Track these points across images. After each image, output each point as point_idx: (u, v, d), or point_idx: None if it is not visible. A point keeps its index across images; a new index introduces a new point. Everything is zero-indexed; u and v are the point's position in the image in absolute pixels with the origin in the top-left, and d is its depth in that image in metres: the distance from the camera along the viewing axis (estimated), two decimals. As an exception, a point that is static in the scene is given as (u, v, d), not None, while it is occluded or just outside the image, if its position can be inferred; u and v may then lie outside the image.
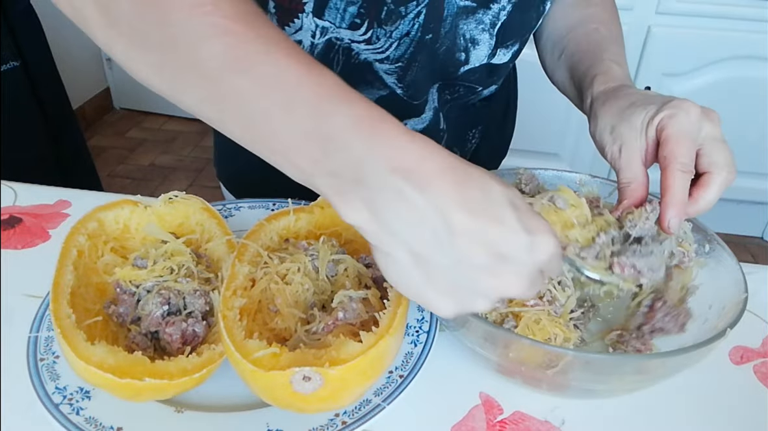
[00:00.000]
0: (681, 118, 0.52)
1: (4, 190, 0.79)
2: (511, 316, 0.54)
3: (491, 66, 0.73)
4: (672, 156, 0.51)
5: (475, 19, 0.68)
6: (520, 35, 0.72)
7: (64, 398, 0.50)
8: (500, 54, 0.72)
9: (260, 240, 0.58)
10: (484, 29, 0.68)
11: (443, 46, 0.68)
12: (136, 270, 0.57)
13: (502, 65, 0.74)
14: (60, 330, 0.47)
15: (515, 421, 0.53)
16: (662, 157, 0.52)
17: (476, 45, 0.70)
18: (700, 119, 0.52)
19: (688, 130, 0.52)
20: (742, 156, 2.20)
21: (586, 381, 0.50)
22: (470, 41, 0.69)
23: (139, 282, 0.57)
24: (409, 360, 0.55)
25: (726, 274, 0.56)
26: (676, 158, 0.51)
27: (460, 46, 0.69)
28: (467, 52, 0.70)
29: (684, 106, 0.53)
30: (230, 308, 0.49)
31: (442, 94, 0.76)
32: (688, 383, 0.56)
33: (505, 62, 0.74)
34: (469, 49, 0.70)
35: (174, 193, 0.64)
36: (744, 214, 2.25)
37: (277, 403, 0.47)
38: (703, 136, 0.53)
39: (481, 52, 0.70)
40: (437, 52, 0.69)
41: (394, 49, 0.67)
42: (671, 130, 0.52)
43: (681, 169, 0.51)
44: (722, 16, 1.86)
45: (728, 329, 0.48)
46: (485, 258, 0.36)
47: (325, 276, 0.56)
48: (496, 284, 0.38)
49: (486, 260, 0.36)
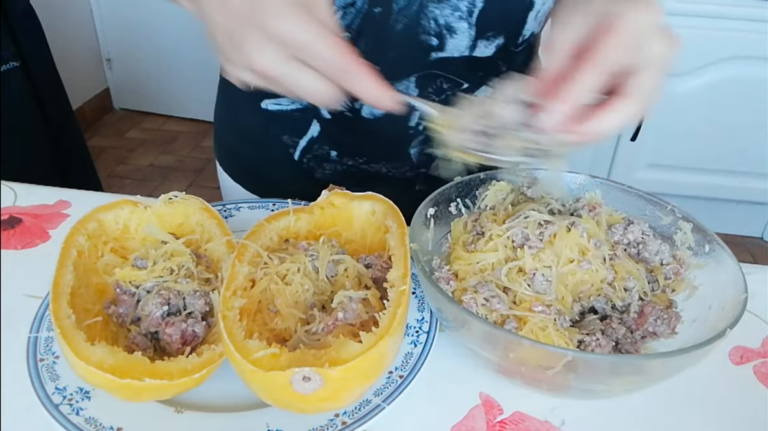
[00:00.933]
0: (633, 18, 0.45)
1: (4, 190, 0.79)
2: (512, 318, 0.54)
3: (473, 59, 0.71)
4: (596, 48, 0.44)
5: (450, 5, 0.66)
6: (504, 27, 0.69)
7: (63, 398, 0.50)
8: (481, 46, 0.70)
9: (260, 241, 0.58)
10: (462, 17, 0.66)
11: (400, 24, 0.67)
12: (136, 270, 0.57)
13: (486, 60, 0.71)
14: (60, 331, 0.47)
15: (515, 421, 0.53)
16: (588, 49, 0.45)
17: (453, 33, 0.68)
18: (654, 32, 0.45)
19: (633, 32, 0.44)
20: (742, 156, 2.22)
21: (586, 381, 0.50)
22: (445, 28, 0.67)
23: (139, 283, 0.57)
24: (409, 360, 0.55)
25: (726, 275, 0.56)
26: (598, 51, 0.44)
27: (429, 29, 0.67)
28: (441, 39, 0.68)
29: (646, 9, 0.45)
30: (230, 308, 0.49)
31: (423, 89, 0.74)
32: (688, 383, 0.56)
33: (489, 56, 0.71)
34: (444, 35, 0.68)
35: (174, 193, 0.64)
36: (744, 213, 2.25)
37: (277, 403, 0.47)
38: (645, 54, 0.45)
39: (460, 42, 0.68)
40: (393, 29, 0.67)
41: (339, 16, 0.66)
42: (614, 25, 0.44)
43: (594, 64, 0.44)
44: (722, 16, 1.86)
45: (728, 329, 0.48)
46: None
47: (325, 277, 0.56)
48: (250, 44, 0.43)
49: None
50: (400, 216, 0.59)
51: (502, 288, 0.56)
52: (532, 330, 0.52)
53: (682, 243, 0.61)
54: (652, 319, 0.55)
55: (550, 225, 0.58)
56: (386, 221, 0.60)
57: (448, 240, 0.64)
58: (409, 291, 0.52)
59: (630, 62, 0.45)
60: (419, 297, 0.62)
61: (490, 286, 0.55)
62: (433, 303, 0.55)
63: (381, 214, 0.61)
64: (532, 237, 0.57)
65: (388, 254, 0.58)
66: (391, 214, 0.60)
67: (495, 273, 0.57)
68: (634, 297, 0.57)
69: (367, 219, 0.62)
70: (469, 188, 0.66)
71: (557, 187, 0.66)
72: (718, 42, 1.89)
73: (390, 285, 0.52)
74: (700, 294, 0.58)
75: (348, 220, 0.63)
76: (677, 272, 0.59)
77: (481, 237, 0.61)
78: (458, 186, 0.65)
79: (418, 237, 0.59)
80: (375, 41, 0.68)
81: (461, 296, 0.55)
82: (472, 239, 0.61)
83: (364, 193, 0.63)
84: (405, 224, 0.58)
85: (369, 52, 0.69)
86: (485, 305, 0.54)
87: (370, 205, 0.62)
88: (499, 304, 0.54)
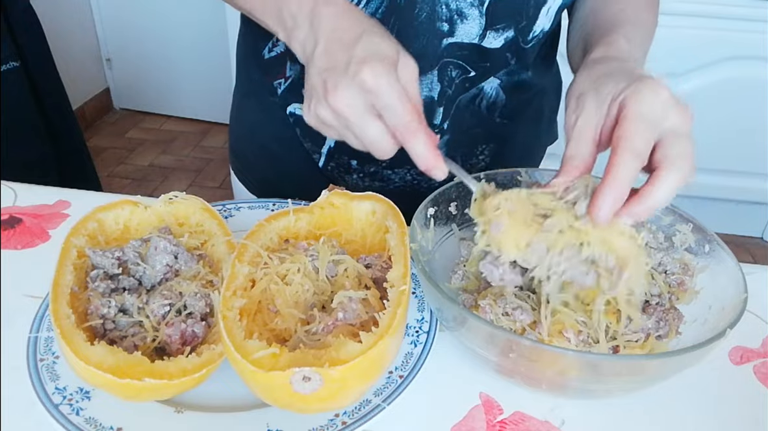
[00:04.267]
0: (646, 97, 0.47)
1: (4, 190, 0.79)
2: (528, 328, 0.53)
3: (482, 49, 0.71)
4: (624, 136, 0.46)
5: None
6: (514, 19, 0.70)
7: (63, 398, 0.50)
8: (490, 37, 0.70)
9: (260, 241, 0.58)
10: (473, 4, 0.67)
11: (423, 13, 0.67)
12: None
13: (494, 51, 0.72)
14: (60, 331, 0.47)
15: (515, 421, 0.53)
16: (615, 137, 0.47)
17: (464, 19, 0.68)
18: (668, 106, 0.48)
19: (649, 111, 0.47)
20: (742, 156, 2.21)
21: (586, 381, 0.50)
22: (456, 13, 0.68)
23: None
24: (409, 360, 0.55)
25: (726, 275, 0.56)
26: (628, 138, 0.46)
27: (442, 15, 0.68)
28: (452, 24, 0.69)
29: (653, 86, 0.48)
30: (230, 308, 0.49)
31: (443, 82, 0.74)
32: (688, 383, 0.56)
33: (497, 48, 0.71)
34: (454, 20, 0.68)
35: (174, 193, 0.64)
36: (744, 214, 2.25)
37: (277, 403, 0.47)
38: (666, 127, 0.47)
39: (470, 28, 0.69)
40: (418, 18, 0.68)
41: (363, 5, 0.67)
42: (631, 109, 0.47)
43: (630, 151, 0.46)
44: (722, 16, 1.86)
45: (728, 329, 0.48)
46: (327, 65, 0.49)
47: (325, 277, 0.56)
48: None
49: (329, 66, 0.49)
50: (400, 216, 0.59)
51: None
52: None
53: (682, 243, 0.61)
54: (654, 320, 0.55)
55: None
56: (386, 221, 0.60)
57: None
58: (409, 291, 0.52)
59: (657, 137, 0.48)
60: (419, 297, 0.62)
61: (510, 298, 0.54)
62: (433, 303, 0.55)
63: (381, 214, 0.61)
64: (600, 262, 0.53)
65: (388, 254, 0.58)
66: (391, 214, 0.60)
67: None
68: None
69: (367, 219, 0.62)
70: (470, 188, 0.66)
71: None
72: (718, 42, 1.89)
73: (390, 285, 0.52)
74: (700, 294, 0.58)
75: (348, 220, 0.63)
76: (681, 282, 0.59)
77: None
78: (458, 186, 0.65)
79: (418, 237, 0.59)
80: (399, 31, 0.68)
81: (480, 301, 0.55)
82: None
83: (364, 193, 0.63)
84: (405, 224, 0.58)
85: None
86: (508, 316, 0.53)
87: (370, 205, 0.62)
88: (523, 315, 0.53)
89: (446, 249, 0.64)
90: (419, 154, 0.49)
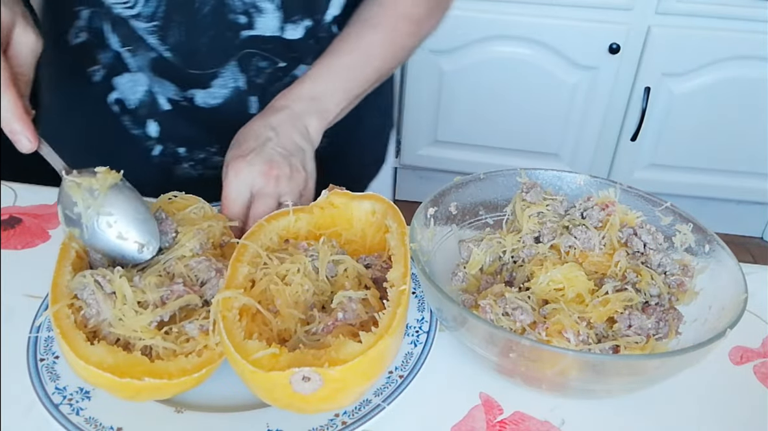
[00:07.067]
0: (230, 178, 0.62)
1: (4, 190, 0.79)
2: (528, 328, 0.53)
3: (284, 41, 0.73)
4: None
5: None
6: (308, 11, 0.72)
7: (64, 398, 0.50)
8: (290, 29, 0.72)
9: (260, 241, 0.57)
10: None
11: (206, 6, 0.69)
12: (135, 270, 0.57)
13: (298, 42, 0.74)
14: (60, 331, 0.47)
15: (515, 421, 0.53)
16: None
17: (261, 12, 0.70)
18: (251, 178, 0.61)
19: (236, 187, 0.62)
20: (742, 156, 2.21)
21: (586, 381, 0.50)
22: (252, 6, 0.70)
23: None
24: (409, 360, 0.55)
25: (726, 275, 0.56)
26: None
27: (236, 8, 0.70)
28: (249, 17, 0.70)
29: (235, 166, 0.62)
30: (230, 308, 0.49)
31: (246, 72, 0.75)
32: (688, 383, 0.56)
33: (300, 38, 0.73)
34: (251, 13, 0.70)
35: (174, 193, 0.64)
36: (744, 213, 2.25)
37: (276, 403, 0.47)
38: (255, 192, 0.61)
39: (269, 21, 0.71)
40: (201, 12, 0.68)
41: (142, 5, 0.67)
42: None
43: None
44: (722, 16, 1.86)
45: (728, 329, 0.48)
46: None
47: (325, 277, 0.56)
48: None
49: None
50: (400, 216, 0.59)
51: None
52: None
53: (682, 243, 0.61)
54: (654, 320, 0.55)
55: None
56: (386, 221, 0.60)
57: None
58: (409, 291, 0.52)
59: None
60: (419, 297, 0.62)
61: (510, 298, 0.54)
62: (433, 303, 0.55)
63: (381, 214, 0.61)
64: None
65: (388, 254, 0.58)
66: (391, 214, 0.60)
67: None
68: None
69: (367, 219, 0.62)
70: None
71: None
72: (718, 42, 1.89)
73: (390, 285, 0.52)
74: (700, 294, 0.58)
75: (348, 220, 0.63)
76: (681, 284, 0.59)
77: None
78: (458, 186, 0.65)
79: (417, 237, 0.59)
80: (186, 28, 0.69)
81: (480, 301, 0.55)
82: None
83: (364, 193, 0.63)
84: (405, 224, 0.58)
85: (183, 42, 0.71)
86: (508, 316, 0.53)
87: (370, 205, 0.62)
88: (523, 315, 0.53)
89: (446, 249, 0.64)
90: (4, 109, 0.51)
